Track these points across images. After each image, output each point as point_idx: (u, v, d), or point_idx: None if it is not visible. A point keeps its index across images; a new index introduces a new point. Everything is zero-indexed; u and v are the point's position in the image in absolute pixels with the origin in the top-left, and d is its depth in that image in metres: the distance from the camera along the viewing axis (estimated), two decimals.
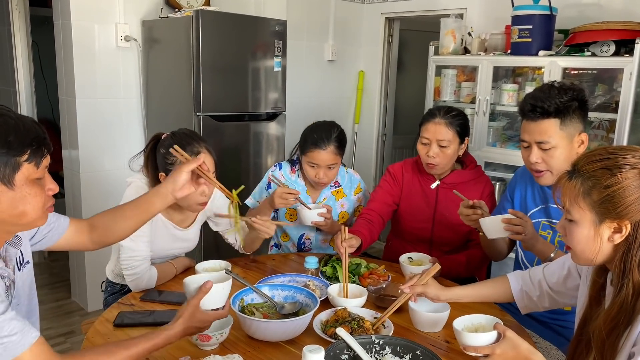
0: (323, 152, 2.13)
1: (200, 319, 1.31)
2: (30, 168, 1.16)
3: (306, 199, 2.25)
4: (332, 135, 2.14)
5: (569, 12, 3.16)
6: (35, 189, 1.18)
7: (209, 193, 1.80)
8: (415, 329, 1.55)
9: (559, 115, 1.69)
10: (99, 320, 1.56)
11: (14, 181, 1.14)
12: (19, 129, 1.14)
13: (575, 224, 1.20)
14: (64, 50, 3.15)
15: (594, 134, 2.94)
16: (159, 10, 3.27)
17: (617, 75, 2.78)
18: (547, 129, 1.71)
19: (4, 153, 1.11)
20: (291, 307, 1.56)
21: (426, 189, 2.22)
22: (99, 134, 3.22)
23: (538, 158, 1.74)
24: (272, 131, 3.38)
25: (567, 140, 1.71)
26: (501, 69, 3.25)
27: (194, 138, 1.82)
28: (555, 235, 1.83)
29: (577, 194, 1.18)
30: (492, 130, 3.28)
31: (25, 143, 1.14)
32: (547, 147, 1.72)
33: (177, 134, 1.82)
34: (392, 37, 4.47)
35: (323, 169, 2.16)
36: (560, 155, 1.72)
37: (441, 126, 2.09)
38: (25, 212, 1.18)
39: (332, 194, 2.29)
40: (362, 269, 1.90)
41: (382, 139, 4.64)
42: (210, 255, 3.03)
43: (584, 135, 1.74)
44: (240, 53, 3.11)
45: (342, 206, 2.31)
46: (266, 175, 2.33)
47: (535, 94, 1.74)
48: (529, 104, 1.72)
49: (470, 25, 3.54)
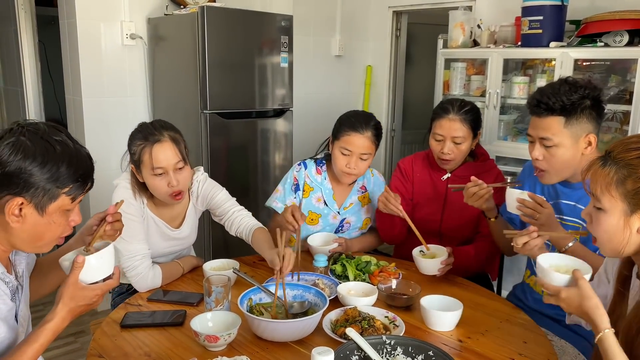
0: (360, 136, 2.01)
1: (84, 296, 1.23)
2: (67, 200, 1.16)
3: (332, 204, 2.16)
4: (371, 122, 2.06)
5: (580, 2, 3.09)
6: (62, 219, 1.19)
7: (175, 183, 1.77)
8: (428, 328, 1.52)
9: (564, 113, 1.63)
10: (106, 322, 1.54)
11: (47, 209, 1.14)
12: (73, 161, 1.14)
13: (604, 213, 1.17)
14: (69, 49, 3.14)
15: (607, 126, 2.88)
16: (164, 8, 3.25)
17: (630, 65, 2.72)
18: (550, 126, 1.65)
19: (50, 182, 1.12)
20: (300, 306, 1.53)
21: (436, 181, 2.21)
22: (105, 133, 3.20)
23: (539, 155, 1.70)
24: (280, 128, 3.35)
25: (571, 139, 1.65)
26: (511, 61, 3.19)
27: (157, 127, 1.80)
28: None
29: (609, 181, 1.15)
30: (503, 123, 3.23)
31: (73, 177, 1.15)
32: (549, 144, 1.67)
33: (143, 125, 1.84)
34: (399, 30, 4.41)
35: (355, 158, 2.03)
36: (562, 155, 1.66)
37: (455, 122, 2.06)
38: (43, 237, 1.18)
39: (358, 199, 2.20)
40: (372, 267, 1.87)
41: (390, 134, 4.59)
42: (219, 253, 3.02)
43: (592, 136, 1.66)
44: (247, 49, 3.08)
45: (367, 212, 2.22)
46: (290, 176, 2.18)
47: (544, 89, 1.69)
48: (535, 99, 1.68)
49: (480, 18, 3.48)
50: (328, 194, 2.16)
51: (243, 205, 2.04)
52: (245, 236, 1.96)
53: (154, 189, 1.80)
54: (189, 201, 2.00)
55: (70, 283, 1.22)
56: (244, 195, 3.19)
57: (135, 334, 1.47)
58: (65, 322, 1.22)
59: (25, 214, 1.13)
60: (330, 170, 2.18)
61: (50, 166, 1.11)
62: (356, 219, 2.19)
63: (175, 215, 1.96)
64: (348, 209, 2.18)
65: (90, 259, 1.24)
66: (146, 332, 1.47)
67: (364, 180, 2.21)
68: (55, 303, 1.22)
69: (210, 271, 1.77)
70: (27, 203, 1.12)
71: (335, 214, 2.17)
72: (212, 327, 1.43)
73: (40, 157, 1.11)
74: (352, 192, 2.18)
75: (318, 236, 2.10)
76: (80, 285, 1.23)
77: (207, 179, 2.01)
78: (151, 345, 1.41)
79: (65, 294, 1.21)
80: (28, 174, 1.10)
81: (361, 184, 2.20)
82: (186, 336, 1.45)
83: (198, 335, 1.35)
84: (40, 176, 1.11)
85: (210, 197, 1.99)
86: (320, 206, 2.16)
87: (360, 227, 2.22)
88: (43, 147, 1.11)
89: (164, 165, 1.75)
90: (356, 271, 1.84)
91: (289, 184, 2.17)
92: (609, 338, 1.12)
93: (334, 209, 2.16)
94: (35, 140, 1.11)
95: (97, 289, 1.25)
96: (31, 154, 1.10)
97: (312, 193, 2.16)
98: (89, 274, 1.24)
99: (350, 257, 1.91)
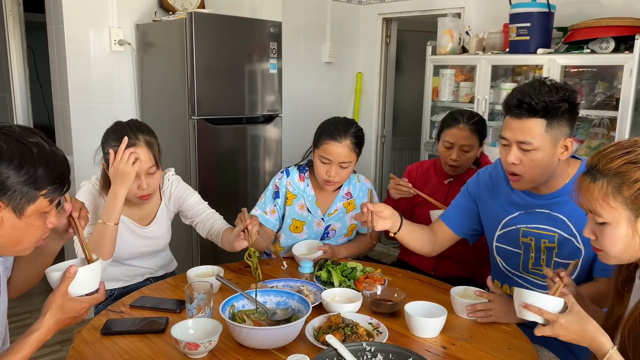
0: (338, 145, 1.99)
1: (73, 308, 1.23)
2: (44, 202, 1.16)
3: (315, 211, 2.15)
4: (350, 130, 2.03)
5: (567, 9, 3.12)
6: (40, 221, 1.18)
7: (145, 186, 1.83)
8: (412, 335, 1.51)
9: (546, 116, 1.53)
10: (87, 329, 1.52)
11: (25, 211, 1.13)
12: (50, 163, 1.14)
13: (609, 226, 1.16)
14: (57, 54, 3.12)
15: (594, 132, 2.90)
16: (153, 14, 3.24)
17: (617, 72, 2.74)
18: (531, 129, 1.54)
19: (28, 184, 1.11)
20: (283, 313, 1.51)
21: (439, 184, 2.35)
22: (93, 139, 3.12)
23: (516, 159, 1.59)
24: (269, 134, 3.34)
25: (550, 144, 1.56)
26: (500, 67, 3.21)
27: (133, 129, 1.83)
28: (541, 242, 1.71)
29: (605, 194, 1.15)
30: (492, 130, 3.24)
31: (50, 179, 1.14)
32: (528, 148, 1.56)
33: (119, 125, 1.87)
34: (389, 37, 4.43)
35: (335, 166, 2.02)
36: (541, 159, 1.57)
37: (465, 132, 2.21)
38: (22, 240, 1.17)
39: (343, 205, 2.18)
40: (358, 273, 1.86)
41: (381, 140, 4.60)
42: (207, 259, 3.00)
43: (569, 141, 1.58)
44: (236, 55, 3.07)
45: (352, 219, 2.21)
46: (272, 183, 2.19)
47: (524, 89, 1.57)
48: (516, 99, 1.56)
49: (468, 25, 3.51)
50: (311, 200, 2.15)
51: (232, 212, 2.03)
52: (215, 238, 2.00)
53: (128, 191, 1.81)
54: (161, 201, 2.03)
55: (60, 294, 1.22)
56: (233, 202, 3.18)
57: (116, 341, 1.45)
58: (50, 333, 1.21)
59: (3, 217, 1.11)
60: (313, 177, 2.17)
61: (27, 169, 1.10)
62: (341, 225, 2.18)
63: (146, 214, 1.99)
64: (332, 215, 2.16)
65: (83, 271, 1.25)
66: (127, 339, 1.45)
67: (349, 186, 2.20)
68: (43, 313, 1.21)
69: (194, 278, 1.75)
70: (4, 206, 1.11)
71: (320, 221, 2.15)
72: (193, 334, 1.41)
73: (16, 160, 1.09)
74: (337, 198, 2.17)
75: (302, 244, 2.09)
76: (69, 297, 1.23)
77: (180, 181, 2.07)
78: (131, 352, 1.39)
79: (54, 304, 1.21)
80: (4, 177, 1.08)
81: (346, 190, 2.19)
82: (167, 343, 1.43)
83: (178, 342, 1.33)
84: (17, 179, 1.09)
85: (183, 199, 2.04)
86: (304, 213, 2.15)
87: (345, 233, 2.20)
88: (19, 150, 1.10)
89: (137, 169, 1.79)
90: (341, 277, 1.83)
91: (270, 191, 2.17)
92: (616, 357, 1.12)
93: (318, 216, 2.15)
94: (11, 143, 1.10)
95: (85, 301, 1.26)
96: (7, 157, 1.09)
97: (295, 200, 2.15)
98: (78, 287, 1.25)
99: (336, 264, 1.90)
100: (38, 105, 4.36)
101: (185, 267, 2.30)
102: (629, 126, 2.64)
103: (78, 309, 1.24)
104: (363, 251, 2.26)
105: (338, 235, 2.19)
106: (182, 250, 3.00)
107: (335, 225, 2.17)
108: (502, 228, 1.80)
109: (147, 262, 2.05)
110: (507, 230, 1.79)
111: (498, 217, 1.81)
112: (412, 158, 4.86)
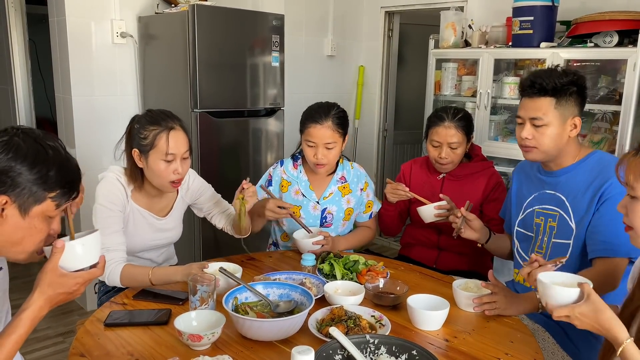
0: (320, 127, 2.08)
1: (63, 283, 1.18)
2: (51, 205, 1.16)
3: (310, 195, 2.20)
4: (331, 112, 2.11)
5: (571, 3, 3.10)
6: (43, 225, 1.18)
7: (182, 171, 1.84)
8: (414, 328, 1.51)
9: (555, 95, 1.71)
10: (90, 320, 1.52)
11: (30, 211, 1.14)
12: (62, 167, 1.15)
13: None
14: (59, 47, 3.12)
15: (597, 126, 2.89)
16: (155, 6, 3.23)
17: (620, 66, 2.73)
18: (541, 106, 1.73)
19: (37, 183, 1.12)
20: (286, 305, 1.52)
21: (432, 180, 2.35)
22: (95, 132, 3.18)
23: (529, 134, 1.76)
24: (271, 127, 3.34)
25: (560, 120, 1.73)
26: (502, 61, 3.20)
27: (169, 115, 1.87)
28: (547, 222, 1.83)
29: None
30: (494, 124, 3.24)
31: (60, 182, 1.15)
32: (539, 123, 1.73)
33: (154, 111, 1.88)
34: (392, 31, 4.41)
35: (321, 149, 2.09)
36: (551, 134, 1.73)
37: (451, 129, 2.21)
38: (22, 242, 1.17)
39: (338, 189, 2.23)
40: (360, 266, 1.86)
41: (383, 134, 4.59)
42: (209, 253, 3.00)
43: (577, 119, 1.75)
44: (238, 48, 3.07)
45: (349, 202, 2.24)
46: (266, 173, 2.28)
47: (537, 72, 1.78)
48: (529, 80, 1.75)
49: (471, 18, 3.49)
50: (304, 185, 2.22)
51: None
52: (230, 229, 2.10)
53: (159, 174, 1.82)
54: (177, 193, 2.04)
55: (49, 269, 1.17)
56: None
57: (119, 333, 1.45)
58: (43, 311, 1.17)
59: (7, 214, 1.12)
60: (306, 164, 2.25)
61: (39, 168, 1.12)
62: (337, 208, 2.21)
63: (163, 206, 2.01)
64: (328, 198, 2.21)
65: (73, 244, 1.21)
66: (130, 331, 1.46)
67: (343, 171, 2.26)
68: (32, 290, 1.18)
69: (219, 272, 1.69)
70: (10, 202, 1.11)
71: (315, 204, 2.20)
72: (196, 326, 1.42)
73: (30, 158, 1.11)
74: (331, 182, 2.23)
75: (303, 230, 2.11)
76: (60, 272, 1.18)
77: (196, 175, 2.11)
78: (134, 344, 1.40)
79: (42, 281, 1.17)
80: (16, 173, 1.10)
81: (340, 174, 2.25)
82: (170, 335, 1.44)
83: (181, 334, 1.34)
84: (28, 176, 1.11)
85: (200, 192, 2.09)
86: (299, 198, 2.20)
87: (343, 217, 2.23)
88: (35, 149, 1.12)
89: (176, 152, 1.82)
90: (344, 270, 1.84)
91: (264, 179, 2.28)
92: (631, 348, 1.13)
93: (313, 199, 2.20)
94: (28, 142, 1.13)
95: (78, 277, 1.21)
96: (22, 154, 1.11)
97: (290, 187, 2.22)
98: (70, 261, 1.20)
99: (338, 256, 1.90)
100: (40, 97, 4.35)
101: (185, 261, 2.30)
102: (632, 120, 2.63)
103: (70, 285, 1.19)
104: (364, 243, 2.30)
105: (336, 220, 2.22)
106: (183, 246, 3.00)
107: (331, 209, 2.21)
108: (523, 212, 1.94)
109: (156, 255, 2.05)
110: (526, 214, 1.92)
111: (521, 201, 1.95)
112: (413, 152, 4.85)
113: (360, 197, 2.27)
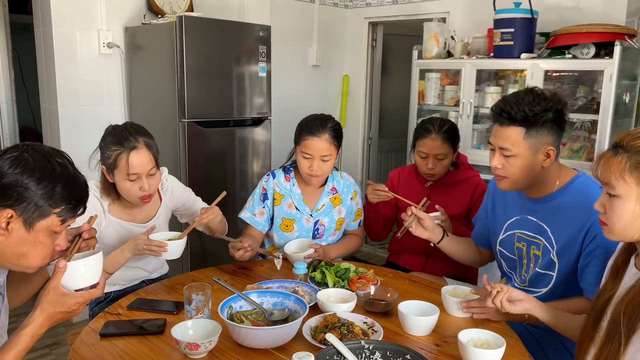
0: (317, 139, 2.08)
1: (64, 302, 1.21)
2: (56, 221, 1.17)
3: (303, 208, 2.20)
4: (328, 125, 2.12)
5: (549, 15, 3.20)
6: (48, 240, 1.19)
7: (147, 187, 1.85)
8: (405, 333, 1.55)
9: (524, 124, 1.61)
10: (85, 331, 1.53)
11: (35, 226, 1.15)
12: (69, 183, 1.17)
13: (619, 199, 1.22)
14: (45, 57, 3.11)
15: (575, 135, 2.98)
16: (142, 17, 3.24)
17: (597, 77, 2.82)
18: (510, 136, 1.63)
19: (44, 198, 1.13)
20: (280, 313, 1.55)
21: (420, 188, 2.42)
22: (82, 143, 3.16)
23: (498, 163, 1.68)
24: (258, 136, 3.37)
25: (530, 151, 1.63)
26: (484, 72, 3.27)
27: (133, 132, 1.85)
28: (530, 249, 1.80)
29: (623, 168, 1.21)
30: (477, 132, 3.31)
31: (67, 198, 1.17)
32: (508, 154, 1.65)
33: (118, 128, 1.88)
34: (375, 41, 4.49)
35: (317, 161, 2.09)
36: (520, 165, 1.65)
37: (437, 142, 2.27)
38: (27, 256, 1.18)
39: (329, 200, 2.24)
40: (351, 274, 1.90)
41: (367, 142, 4.65)
42: (197, 263, 3.01)
43: (551, 149, 1.65)
44: (225, 59, 3.10)
45: (340, 213, 2.25)
46: (259, 186, 2.25)
47: (508, 98, 1.67)
48: (498, 107, 1.66)
49: (453, 29, 3.57)
50: (298, 199, 2.21)
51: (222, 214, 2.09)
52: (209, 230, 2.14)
53: (126, 192, 1.86)
54: (160, 201, 2.06)
55: (51, 288, 1.21)
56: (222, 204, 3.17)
57: (115, 343, 1.46)
58: (42, 329, 1.21)
59: (12, 228, 1.13)
60: (298, 176, 2.24)
61: (46, 183, 1.14)
62: (329, 219, 2.23)
63: (145, 215, 2.03)
64: (320, 210, 2.23)
65: (76, 264, 1.24)
66: (126, 341, 1.47)
67: (333, 182, 2.27)
68: (34, 308, 1.21)
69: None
70: (16, 217, 1.13)
71: (308, 217, 2.21)
72: (192, 334, 1.44)
73: (38, 173, 1.13)
74: (322, 194, 2.24)
75: (294, 243, 2.14)
76: (61, 291, 1.22)
77: (177, 181, 2.15)
78: (131, 353, 1.41)
79: (44, 299, 1.20)
80: (23, 188, 1.12)
81: (331, 185, 2.26)
82: (166, 344, 1.46)
83: (179, 343, 1.36)
84: (35, 191, 1.13)
85: (184, 199, 2.14)
86: (293, 211, 2.20)
87: (334, 227, 2.25)
88: (42, 165, 1.14)
89: (139, 171, 1.82)
90: (335, 278, 1.87)
91: (258, 194, 2.24)
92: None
93: (306, 213, 2.21)
94: (37, 158, 1.15)
95: (78, 296, 1.24)
96: (30, 169, 1.13)
97: (282, 200, 2.21)
98: (72, 280, 1.23)
99: (329, 265, 1.94)
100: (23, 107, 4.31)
101: (175, 271, 2.32)
102: (609, 129, 2.72)
103: (70, 304, 1.23)
104: (352, 250, 2.33)
105: (328, 230, 2.24)
106: None
107: (323, 220, 2.23)
108: (504, 232, 1.89)
109: (145, 264, 2.06)
110: (506, 235, 1.88)
111: (502, 220, 1.90)
112: (398, 160, 4.92)
113: (350, 207, 2.29)
